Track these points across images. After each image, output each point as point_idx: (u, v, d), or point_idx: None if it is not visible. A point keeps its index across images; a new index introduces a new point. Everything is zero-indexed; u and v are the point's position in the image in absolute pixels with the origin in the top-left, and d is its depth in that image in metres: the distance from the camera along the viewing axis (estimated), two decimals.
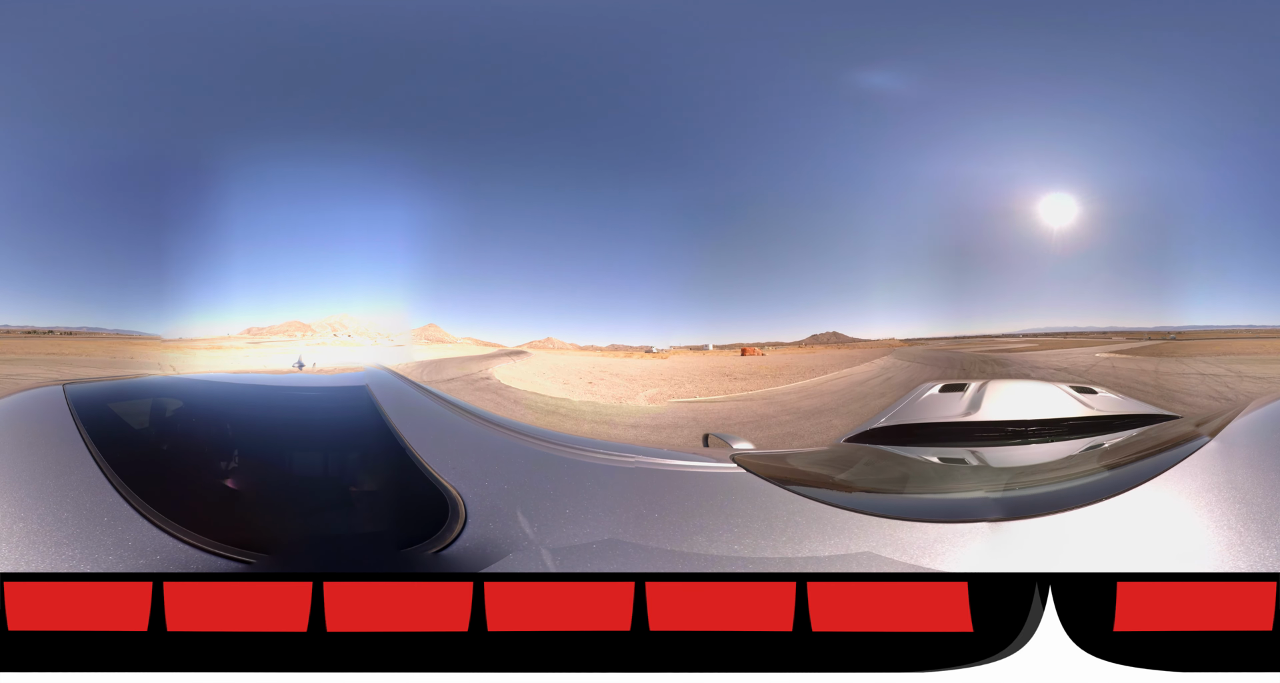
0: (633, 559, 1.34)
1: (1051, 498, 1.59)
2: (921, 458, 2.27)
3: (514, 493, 1.55)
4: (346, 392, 2.48)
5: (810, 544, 1.36)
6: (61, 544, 1.19)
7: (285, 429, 2.08)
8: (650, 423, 8.16)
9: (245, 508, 1.62)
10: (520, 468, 1.77)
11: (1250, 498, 1.35)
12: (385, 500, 1.67)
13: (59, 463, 1.44)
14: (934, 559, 1.31)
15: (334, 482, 1.81)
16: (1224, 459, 1.53)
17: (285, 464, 1.90)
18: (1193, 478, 1.45)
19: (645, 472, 1.73)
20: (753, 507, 1.51)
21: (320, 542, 1.51)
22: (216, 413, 2.25)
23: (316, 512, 1.66)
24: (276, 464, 1.86)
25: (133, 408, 2.11)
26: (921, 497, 1.85)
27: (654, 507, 1.48)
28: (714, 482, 1.68)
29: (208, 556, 1.25)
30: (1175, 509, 1.38)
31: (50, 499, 1.29)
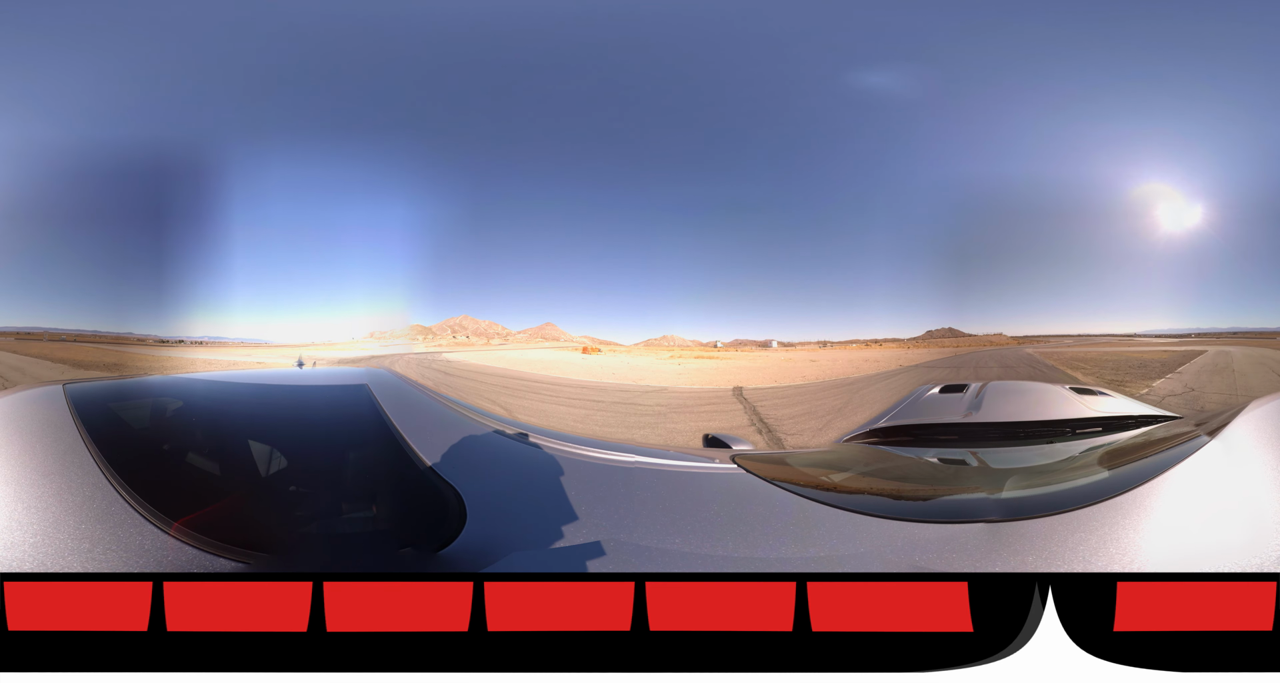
0: (633, 559, 1.33)
1: (1051, 498, 1.59)
2: (921, 458, 2.27)
3: (514, 493, 1.55)
4: (347, 391, 2.48)
5: (810, 544, 1.36)
6: (61, 544, 1.19)
7: (286, 429, 2.08)
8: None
9: (245, 508, 1.61)
10: (520, 468, 1.77)
11: (1250, 498, 1.34)
12: (385, 500, 1.67)
13: (59, 463, 1.44)
14: (934, 559, 1.31)
15: (334, 481, 1.81)
16: (1224, 459, 1.53)
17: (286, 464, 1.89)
18: (1193, 478, 1.45)
19: (645, 472, 1.73)
20: (753, 507, 1.51)
21: (320, 542, 1.51)
22: (216, 413, 2.25)
23: (317, 512, 1.66)
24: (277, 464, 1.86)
25: (133, 408, 2.11)
26: (921, 497, 1.85)
27: (654, 507, 1.48)
28: (714, 482, 1.68)
29: (208, 556, 1.25)
30: (1175, 509, 1.38)
31: (50, 499, 1.29)
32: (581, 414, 8.98)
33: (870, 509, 1.45)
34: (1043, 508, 1.38)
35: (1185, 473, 1.47)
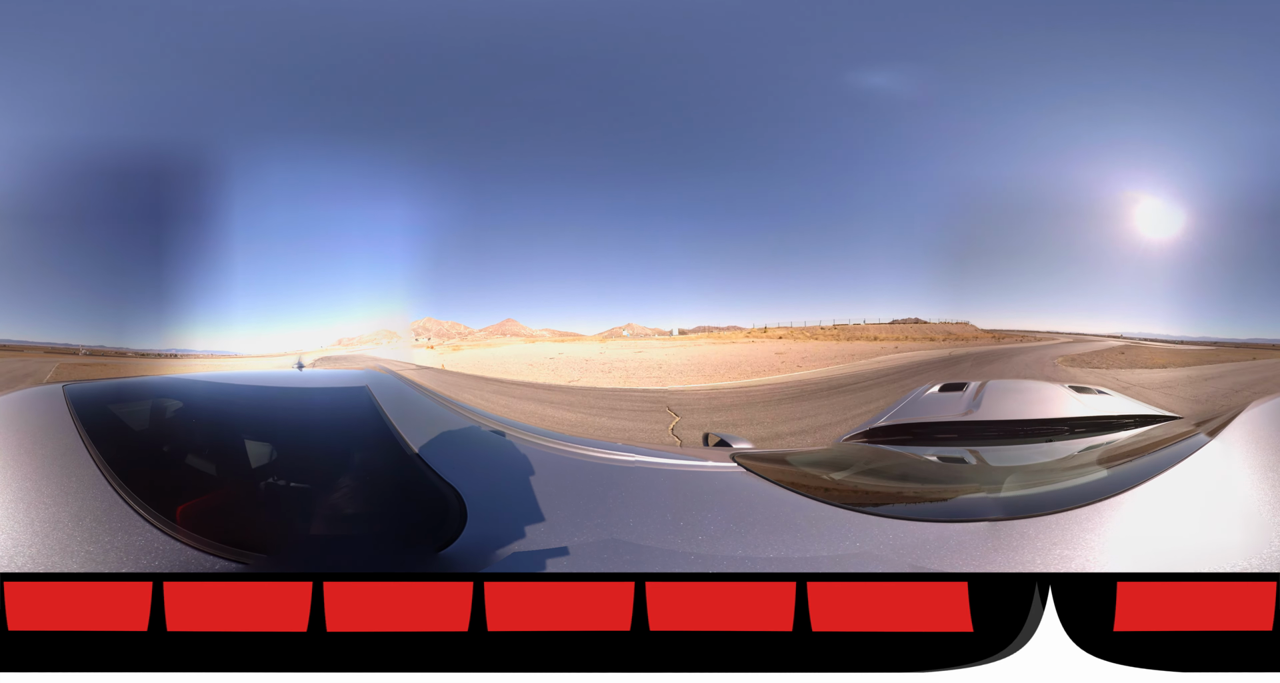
0: (633, 559, 1.33)
1: (1051, 498, 1.58)
2: (921, 458, 2.27)
3: (514, 493, 1.55)
4: (347, 392, 2.49)
5: (810, 544, 1.36)
6: (61, 544, 1.19)
7: (286, 429, 2.08)
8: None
9: (245, 508, 1.61)
10: (520, 468, 1.77)
11: (1250, 498, 1.34)
12: (385, 500, 1.67)
13: (59, 463, 1.44)
14: (934, 559, 1.31)
15: (334, 482, 1.81)
16: (1224, 459, 1.53)
17: (286, 464, 1.89)
18: (1193, 478, 1.45)
19: (645, 472, 1.73)
20: (753, 507, 1.51)
21: (320, 542, 1.51)
22: (216, 413, 2.25)
23: (317, 512, 1.66)
24: (277, 464, 1.86)
25: (133, 408, 2.11)
26: (921, 497, 1.85)
27: (654, 507, 1.48)
28: (714, 482, 1.68)
29: (208, 556, 1.25)
30: (1175, 509, 1.38)
31: (50, 499, 1.29)
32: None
33: (870, 509, 1.45)
34: (1043, 508, 1.38)
35: (1185, 473, 1.47)
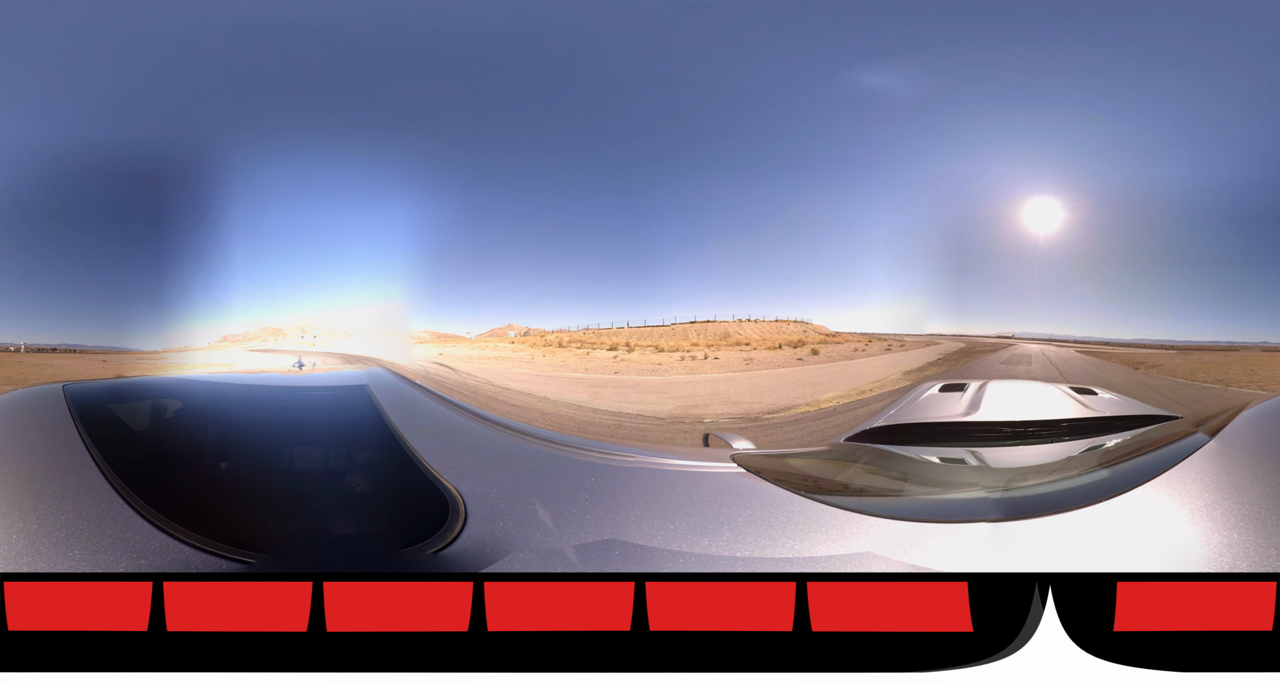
0: (633, 559, 1.33)
1: (1051, 498, 1.59)
2: (921, 458, 2.27)
3: (514, 493, 1.55)
4: (346, 392, 2.49)
5: (810, 544, 1.36)
6: (61, 544, 1.19)
7: (285, 429, 2.08)
8: None
9: (245, 508, 1.61)
10: (520, 468, 1.77)
11: (1250, 498, 1.34)
12: (385, 500, 1.67)
13: (59, 463, 1.44)
14: (934, 559, 1.31)
15: (334, 481, 1.81)
16: (1224, 459, 1.53)
17: (285, 464, 1.90)
18: (1193, 478, 1.45)
19: (645, 472, 1.73)
20: (753, 507, 1.50)
21: (320, 542, 1.51)
22: (216, 413, 2.25)
23: (316, 512, 1.66)
24: (277, 464, 1.86)
25: (133, 408, 2.11)
26: (921, 497, 1.85)
27: (654, 507, 1.48)
28: (714, 482, 1.68)
29: (208, 556, 1.25)
30: (1175, 509, 1.38)
31: (50, 499, 1.29)
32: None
33: (870, 509, 1.45)
34: (1043, 508, 1.38)
35: (1184, 473, 1.47)
